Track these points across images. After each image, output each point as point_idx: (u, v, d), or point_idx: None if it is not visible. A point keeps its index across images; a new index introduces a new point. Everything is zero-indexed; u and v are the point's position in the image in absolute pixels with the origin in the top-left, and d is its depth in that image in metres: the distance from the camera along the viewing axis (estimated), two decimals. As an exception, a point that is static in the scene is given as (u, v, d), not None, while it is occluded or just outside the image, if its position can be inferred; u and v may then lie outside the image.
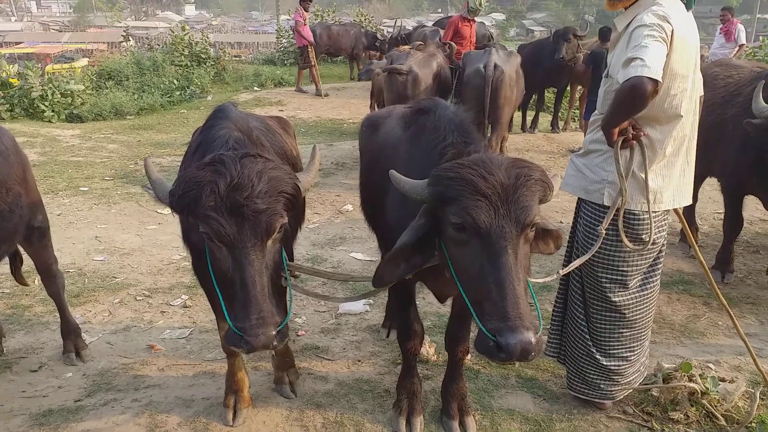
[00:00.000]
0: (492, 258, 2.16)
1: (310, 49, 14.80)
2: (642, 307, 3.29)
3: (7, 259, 4.00)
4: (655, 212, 3.08)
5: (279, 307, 2.35)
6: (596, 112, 3.25)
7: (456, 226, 2.23)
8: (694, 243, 3.56)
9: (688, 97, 2.97)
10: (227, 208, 2.19)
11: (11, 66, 13.48)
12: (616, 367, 3.33)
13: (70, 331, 4.09)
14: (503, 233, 2.16)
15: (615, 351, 3.33)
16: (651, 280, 3.28)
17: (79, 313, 4.64)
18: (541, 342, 2.14)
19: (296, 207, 2.45)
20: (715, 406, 3.26)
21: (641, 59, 2.62)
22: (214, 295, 2.98)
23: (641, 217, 3.08)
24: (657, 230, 3.13)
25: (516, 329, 2.05)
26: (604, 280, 3.22)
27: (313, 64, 14.92)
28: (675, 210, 3.33)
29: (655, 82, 2.62)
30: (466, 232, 2.22)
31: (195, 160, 2.77)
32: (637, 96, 2.67)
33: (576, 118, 12.15)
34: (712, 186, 5.82)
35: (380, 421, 3.34)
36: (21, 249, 3.91)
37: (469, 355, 3.88)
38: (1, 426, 3.26)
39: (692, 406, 3.29)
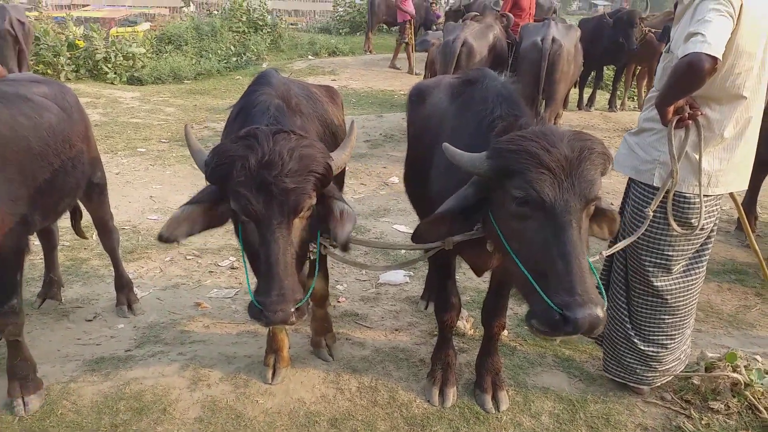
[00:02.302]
0: (557, 232, 2.12)
1: (409, 25, 14.21)
2: (685, 293, 3.20)
3: (68, 213, 4.22)
4: (707, 196, 2.97)
5: (306, 279, 2.36)
6: (653, 89, 3.14)
7: (518, 200, 2.18)
8: (749, 230, 3.42)
9: (754, 76, 2.81)
10: (256, 184, 2.20)
11: (78, 28, 13.94)
12: (655, 354, 3.27)
13: (123, 285, 4.29)
14: (568, 207, 2.12)
15: (654, 337, 3.26)
16: (696, 266, 3.18)
17: (132, 268, 4.86)
18: (606, 317, 2.11)
19: (327, 185, 2.42)
20: (759, 398, 3.17)
21: (702, 34, 2.50)
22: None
23: (692, 200, 2.97)
24: (707, 215, 3.02)
25: (584, 304, 2.02)
26: (647, 263, 3.14)
27: (408, 41, 14.34)
28: (731, 195, 3.20)
29: (714, 59, 2.50)
30: (529, 206, 2.17)
31: (236, 126, 2.83)
32: (693, 73, 2.55)
33: (634, 98, 11.72)
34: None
35: (414, 390, 3.39)
36: (80, 204, 4.10)
37: (506, 331, 3.88)
38: (57, 369, 3.47)
39: (734, 397, 3.20)
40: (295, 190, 2.23)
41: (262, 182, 2.20)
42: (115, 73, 13.14)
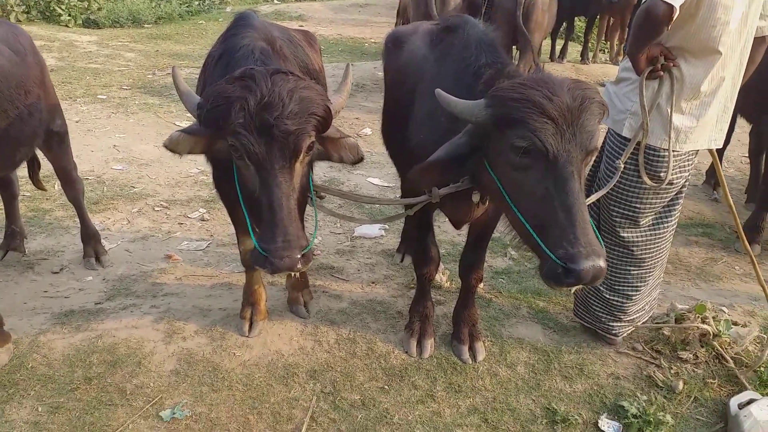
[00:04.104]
0: (559, 183, 2.08)
1: None
2: (652, 247, 3.24)
3: (25, 163, 4.02)
4: (676, 152, 2.97)
5: (304, 229, 2.33)
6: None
7: (520, 149, 2.12)
8: (724, 184, 3.45)
9: (733, 32, 2.77)
10: (256, 126, 2.11)
11: (27, -35, 13.07)
12: (619, 304, 3.34)
13: (89, 237, 4.15)
14: (570, 158, 2.08)
15: (620, 287, 3.33)
16: (665, 221, 3.21)
17: (99, 220, 4.69)
18: (606, 267, 2.10)
19: (327, 128, 2.36)
20: (726, 348, 3.29)
21: None
22: (236, 210, 2.98)
23: (661, 153, 2.98)
24: (678, 170, 3.04)
25: (588, 255, 2.01)
26: (615, 214, 3.18)
27: None
28: (711, 151, 3.22)
29: (669, 6, 2.50)
30: (530, 156, 2.11)
31: (218, 70, 2.69)
32: (651, 20, 2.58)
33: (605, 50, 11.69)
34: (741, 128, 5.63)
35: (392, 341, 3.40)
36: (39, 154, 3.90)
37: (482, 284, 3.91)
38: (24, 322, 3.36)
39: (702, 347, 3.32)
40: (296, 132, 2.16)
41: (262, 124, 2.11)
42: (70, 15, 12.43)
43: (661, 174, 3.00)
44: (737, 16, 2.75)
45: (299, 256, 2.18)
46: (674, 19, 2.56)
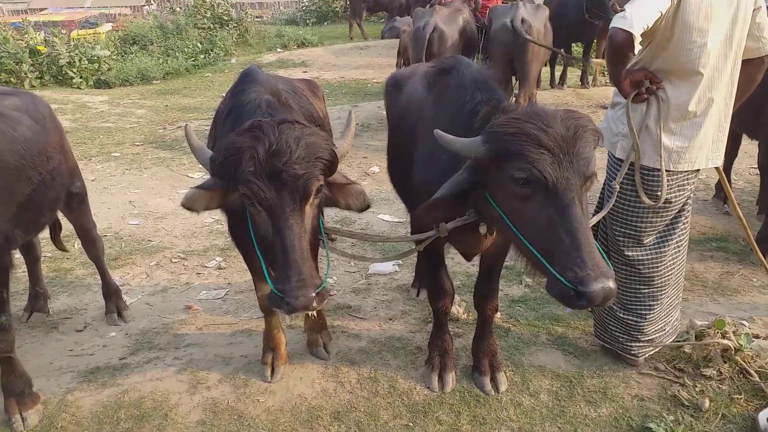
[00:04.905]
0: (561, 210, 2.15)
1: None
2: (659, 265, 3.25)
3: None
4: (670, 171, 3.02)
5: (317, 269, 2.40)
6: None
7: (520, 180, 2.20)
8: (733, 199, 3.48)
9: (713, 54, 2.83)
10: (266, 173, 2.23)
11: (38, 33, 13.59)
12: (634, 323, 3.34)
13: (111, 293, 4.24)
14: (569, 185, 2.16)
15: (632, 306, 3.34)
16: (670, 239, 3.23)
17: (118, 275, 4.79)
18: (617, 287, 2.16)
19: (333, 172, 2.46)
20: (749, 362, 3.26)
21: (624, 10, 2.65)
22: (251, 257, 3.06)
23: (655, 173, 3.04)
24: (677, 189, 3.08)
25: (597, 278, 2.06)
26: (618, 233, 3.24)
27: None
28: (717, 169, 3.27)
29: (627, 33, 2.64)
30: (530, 187, 2.19)
31: (227, 125, 2.81)
32: (613, 47, 2.74)
33: (605, 72, 11.83)
34: (748, 140, 5.65)
35: (413, 377, 3.42)
36: (60, 215, 4.02)
37: (499, 313, 3.93)
38: (52, 382, 3.43)
39: (725, 362, 3.29)
40: (304, 176, 2.27)
41: (272, 170, 2.23)
42: (81, 77, 12.87)
43: (658, 193, 3.05)
44: (717, 39, 2.82)
45: (314, 295, 2.25)
46: (637, 44, 2.70)
